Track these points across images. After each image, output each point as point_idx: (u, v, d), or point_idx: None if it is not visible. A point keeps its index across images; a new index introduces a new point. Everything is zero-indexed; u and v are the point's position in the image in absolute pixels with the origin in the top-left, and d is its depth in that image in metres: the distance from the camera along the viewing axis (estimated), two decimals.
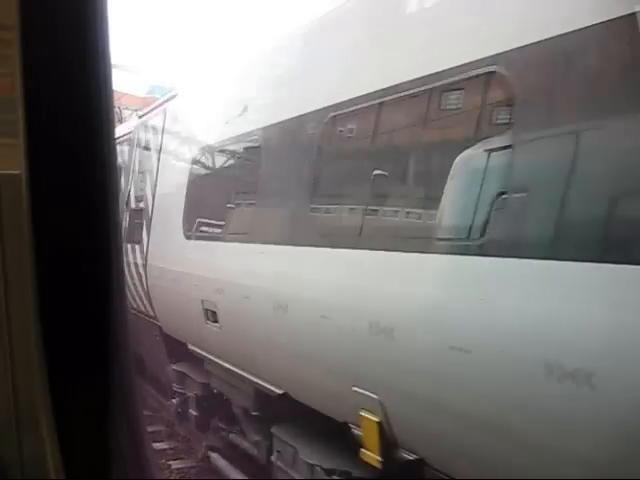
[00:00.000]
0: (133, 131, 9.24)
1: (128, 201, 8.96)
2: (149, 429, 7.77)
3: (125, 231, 8.53)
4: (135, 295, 8.35)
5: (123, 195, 8.93)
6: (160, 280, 7.50)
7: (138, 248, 8.17)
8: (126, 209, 8.90)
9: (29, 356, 1.37)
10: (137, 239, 8.22)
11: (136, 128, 9.14)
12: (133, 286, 8.29)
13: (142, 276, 7.97)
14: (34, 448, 1.39)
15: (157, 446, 7.69)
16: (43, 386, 1.34)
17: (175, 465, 7.53)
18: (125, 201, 8.96)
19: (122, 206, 8.93)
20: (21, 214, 1.34)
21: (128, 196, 8.98)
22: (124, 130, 9.65)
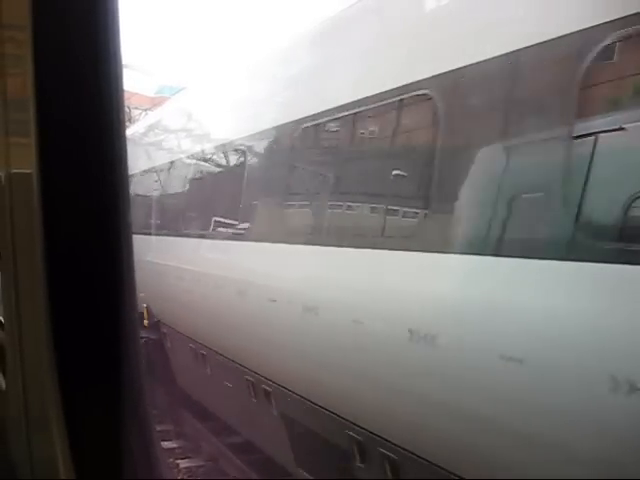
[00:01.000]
0: None
1: None
2: (157, 428, 7.78)
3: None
4: None
5: None
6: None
7: None
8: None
9: (39, 356, 1.37)
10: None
11: None
12: None
13: None
14: (44, 448, 1.39)
15: (165, 445, 7.72)
16: (53, 386, 1.34)
17: (183, 464, 7.55)
18: None
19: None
20: (33, 213, 1.34)
21: None
22: None
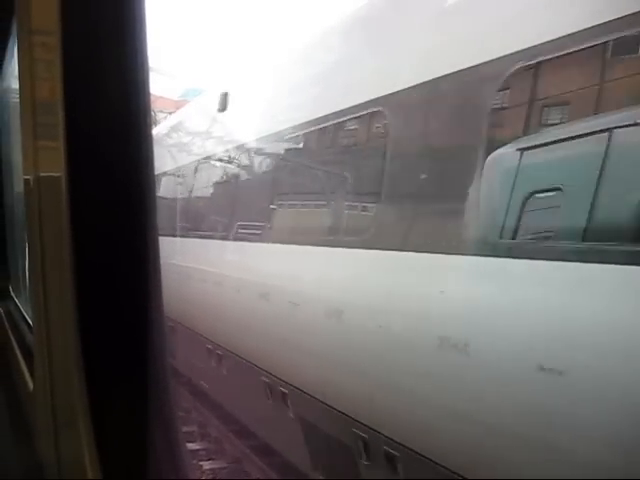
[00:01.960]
0: None
1: None
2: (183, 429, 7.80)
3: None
4: None
5: None
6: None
7: None
8: None
9: (67, 358, 1.38)
10: None
11: None
12: None
13: None
14: (71, 449, 1.40)
15: (189, 447, 7.75)
16: (80, 388, 1.35)
17: (207, 466, 7.58)
18: None
19: None
20: (61, 216, 1.35)
21: None
22: None
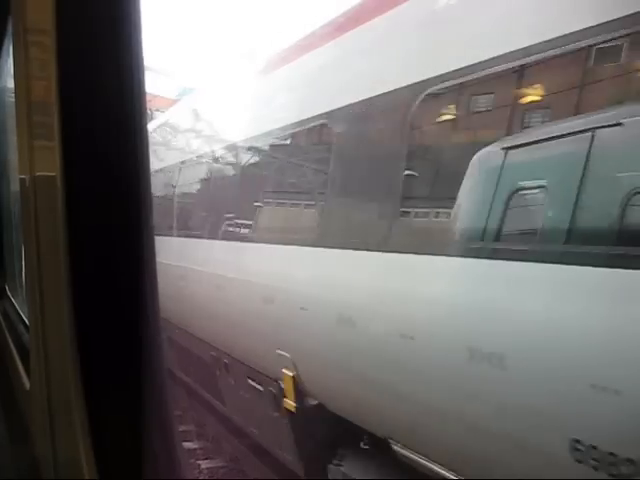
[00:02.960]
0: None
1: None
2: (179, 428, 7.79)
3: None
4: None
5: None
6: None
7: None
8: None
9: (63, 357, 1.38)
10: None
11: None
12: None
13: None
14: (68, 449, 1.40)
15: (187, 446, 7.74)
16: (76, 387, 1.35)
17: (204, 465, 7.57)
18: None
19: None
20: (56, 215, 1.35)
21: None
22: None
